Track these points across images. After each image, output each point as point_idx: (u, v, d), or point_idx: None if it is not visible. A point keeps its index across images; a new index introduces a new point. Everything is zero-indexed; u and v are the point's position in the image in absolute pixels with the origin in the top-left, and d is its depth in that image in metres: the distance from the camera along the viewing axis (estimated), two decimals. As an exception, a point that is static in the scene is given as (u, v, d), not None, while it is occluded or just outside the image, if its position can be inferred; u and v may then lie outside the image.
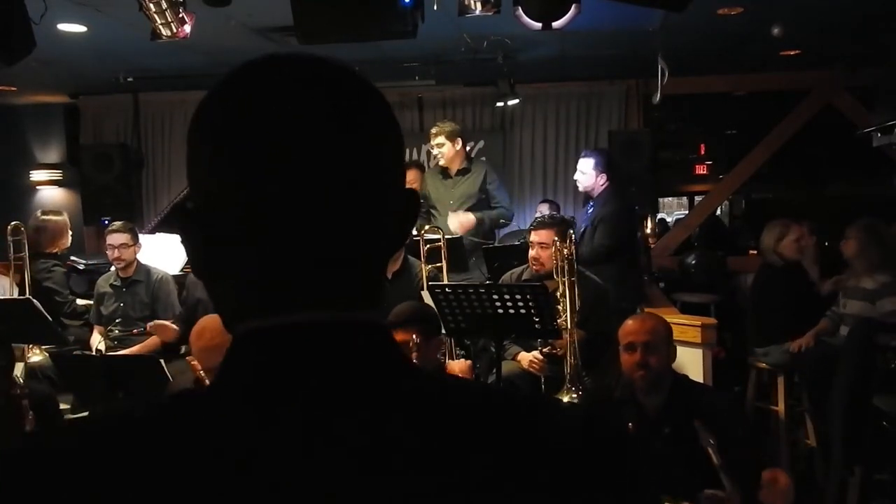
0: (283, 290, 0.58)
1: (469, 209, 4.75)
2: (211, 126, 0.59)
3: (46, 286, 4.45)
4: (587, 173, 4.47)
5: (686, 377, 2.65)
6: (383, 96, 0.62)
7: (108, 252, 4.24)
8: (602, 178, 4.45)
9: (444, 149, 4.75)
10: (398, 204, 0.62)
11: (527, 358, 3.57)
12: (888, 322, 3.53)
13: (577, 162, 4.77)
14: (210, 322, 2.79)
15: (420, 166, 5.65)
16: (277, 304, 0.58)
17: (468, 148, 5.34)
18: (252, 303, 0.59)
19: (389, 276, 3.89)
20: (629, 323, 2.58)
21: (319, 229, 0.57)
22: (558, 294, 3.49)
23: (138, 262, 4.29)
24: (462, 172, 4.81)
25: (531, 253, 3.69)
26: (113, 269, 4.33)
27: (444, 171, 4.90)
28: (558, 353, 3.43)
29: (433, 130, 4.83)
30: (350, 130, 0.58)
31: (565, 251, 3.49)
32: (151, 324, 3.98)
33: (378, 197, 0.60)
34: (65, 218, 4.74)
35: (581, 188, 4.59)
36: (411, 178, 5.03)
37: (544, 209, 6.03)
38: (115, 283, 4.27)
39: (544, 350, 3.47)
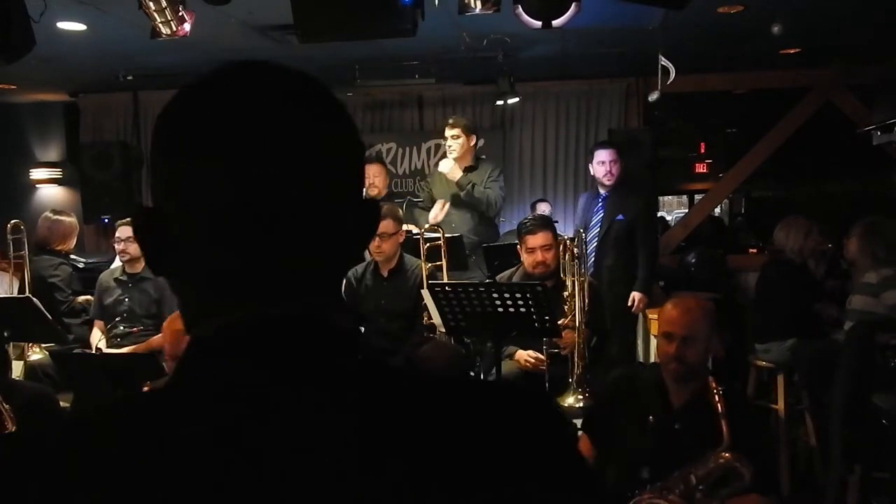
0: (245, 288, 0.61)
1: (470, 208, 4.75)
2: (176, 135, 0.63)
3: (51, 282, 4.45)
4: (617, 161, 4.48)
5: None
6: (343, 107, 0.66)
7: (116, 245, 4.26)
8: (622, 165, 4.50)
9: (459, 141, 4.64)
10: (356, 212, 0.66)
11: (523, 356, 3.56)
12: (895, 314, 3.53)
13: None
14: None
15: (381, 161, 5.56)
16: (240, 301, 0.61)
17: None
18: (214, 300, 0.62)
19: (385, 273, 3.90)
20: (669, 308, 2.40)
21: (278, 232, 0.60)
22: (565, 294, 3.49)
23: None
24: (468, 170, 4.80)
25: (533, 258, 3.62)
26: (117, 264, 4.32)
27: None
28: (562, 352, 3.43)
29: (450, 121, 4.75)
30: (308, 140, 0.62)
31: (575, 250, 3.48)
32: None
33: (334, 203, 0.63)
34: (75, 220, 4.77)
35: (613, 182, 4.48)
36: (375, 172, 4.94)
37: (545, 208, 6.03)
38: (120, 277, 4.23)
39: (552, 351, 3.46)
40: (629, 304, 4.36)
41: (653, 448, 2.27)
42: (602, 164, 4.50)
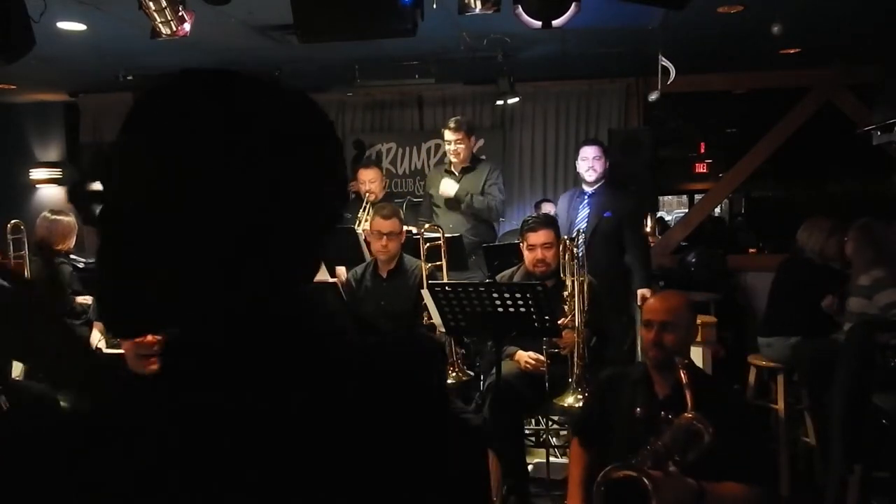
0: (197, 290, 0.66)
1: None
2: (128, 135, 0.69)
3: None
4: (601, 158, 4.46)
5: (698, 368, 2.64)
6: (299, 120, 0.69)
7: None
8: (607, 163, 4.48)
9: (462, 145, 4.70)
10: (277, 209, 0.67)
11: (523, 357, 3.56)
12: (888, 315, 3.54)
13: (577, 159, 4.71)
14: None
15: (378, 165, 5.59)
16: (195, 302, 0.66)
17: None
18: (170, 303, 0.66)
19: (385, 274, 3.90)
20: (651, 301, 2.58)
21: (210, 234, 0.65)
22: (565, 294, 3.49)
23: None
24: (466, 170, 4.80)
25: (534, 255, 3.64)
26: None
27: (449, 169, 4.88)
28: (562, 352, 3.43)
29: (451, 125, 4.75)
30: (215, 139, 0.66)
31: (575, 250, 3.48)
32: None
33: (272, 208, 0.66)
34: (73, 219, 4.76)
35: (595, 177, 4.44)
36: (371, 177, 4.97)
37: (549, 208, 6.03)
38: None
39: (552, 351, 3.46)
40: (638, 302, 4.36)
41: (641, 439, 2.29)
42: (585, 160, 4.48)
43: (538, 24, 3.36)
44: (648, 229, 6.72)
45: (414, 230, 4.27)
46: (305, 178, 0.68)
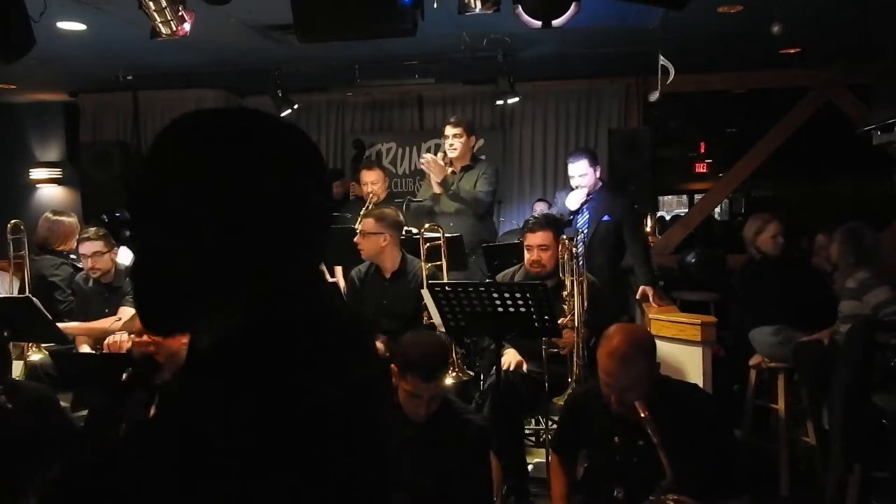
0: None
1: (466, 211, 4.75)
2: None
3: (51, 281, 4.44)
4: (587, 173, 4.38)
5: (667, 378, 2.49)
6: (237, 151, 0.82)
7: (82, 262, 4.17)
8: (598, 171, 4.43)
9: (460, 140, 4.65)
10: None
11: (506, 362, 3.51)
12: (881, 315, 3.54)
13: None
14: None
15: (380, 165, 5.56)
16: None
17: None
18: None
19: (388, 275, 3.90)
20: (605, 356, 2.30)
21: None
22: (565, 294, 3.49)
23: (116, 266, 4.21)
24: (465, 169, 4.79)
25: (530, 256, 3.65)
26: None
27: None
28: (562, 352, 3.43)
29: (452, 120, 4.73)
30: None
31: (573, 250, 3.48)
32: None
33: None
34: (75, 220, 4.76)
35: (586, 192, 4.33)
36: (373, 178, 4.96)
37: (542, 208, 6.03)
38: (95, 287, 4.21)
39: (551, 350, 3.46)
40: (638, 298, 4.36)
41: (622, 467, 2.28)
42: (572, 179, 4.40)
43: (538, 23, 3.35)
44: (648, 229, 6.73)
45: (414, 230, 4.27)
46: (302, 196, 0.84)
